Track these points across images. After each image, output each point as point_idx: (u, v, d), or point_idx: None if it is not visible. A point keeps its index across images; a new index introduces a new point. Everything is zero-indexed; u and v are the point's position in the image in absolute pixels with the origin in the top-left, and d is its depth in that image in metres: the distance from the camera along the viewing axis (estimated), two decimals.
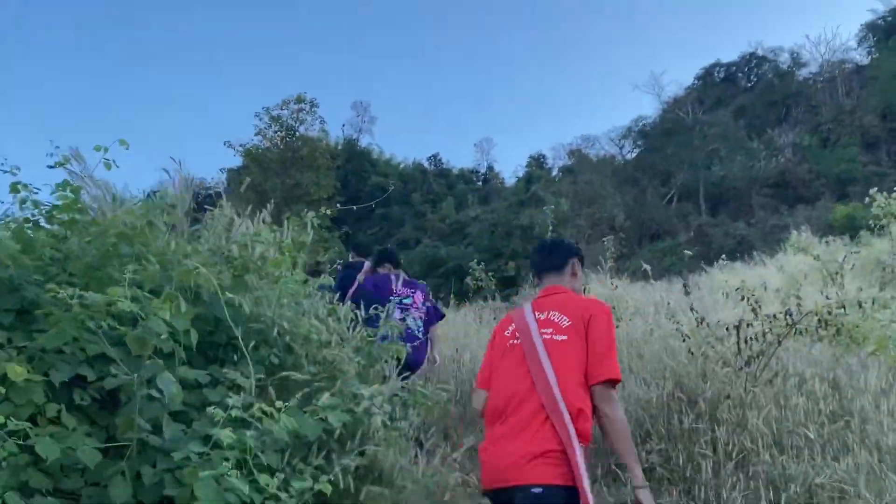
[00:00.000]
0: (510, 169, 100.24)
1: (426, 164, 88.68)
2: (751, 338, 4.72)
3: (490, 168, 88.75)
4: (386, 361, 3.54)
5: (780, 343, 4.64)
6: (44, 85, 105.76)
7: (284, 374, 2.98)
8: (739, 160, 52.30)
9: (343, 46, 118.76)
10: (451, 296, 18.93)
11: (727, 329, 4.89)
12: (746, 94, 64.68)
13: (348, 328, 3.54)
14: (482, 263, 11.53)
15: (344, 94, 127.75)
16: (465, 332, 10.19)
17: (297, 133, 32.02)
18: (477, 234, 37.91)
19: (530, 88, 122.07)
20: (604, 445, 3.09)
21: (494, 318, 11.82)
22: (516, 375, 2.62)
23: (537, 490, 2.37)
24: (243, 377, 2.81)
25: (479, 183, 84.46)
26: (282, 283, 3.13)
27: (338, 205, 33.33)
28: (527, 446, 2.43)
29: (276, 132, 31.77)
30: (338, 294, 5.11)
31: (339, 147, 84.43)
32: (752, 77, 67.77)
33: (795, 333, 4.68)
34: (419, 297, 5.73)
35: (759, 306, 4.91)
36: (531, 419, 2.48)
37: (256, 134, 31.69)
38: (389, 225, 71.43)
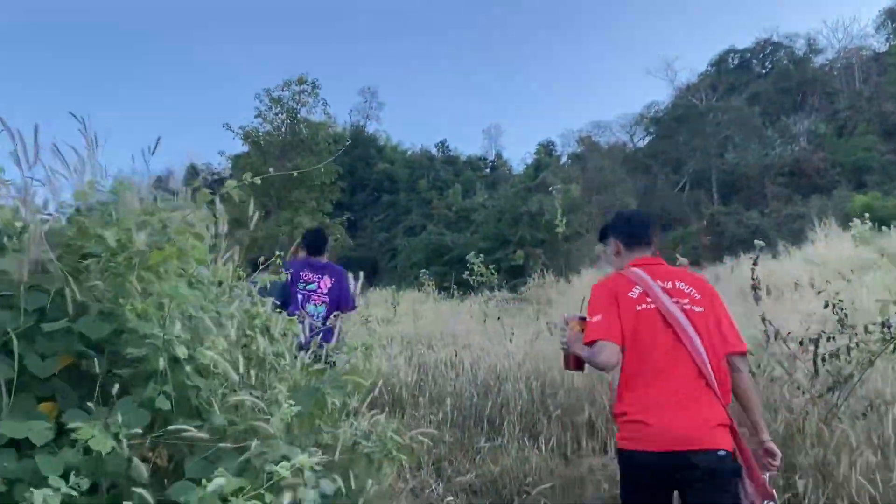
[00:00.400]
0: (519, 156, 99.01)
1: (434, 151, 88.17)
2: (833, 354, 3.62)
3: (498, 155, 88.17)
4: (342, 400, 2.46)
5: (871, 363, 3.55)
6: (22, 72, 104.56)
7: (172, 428, 1.93)
8: (753, 148, 51.06)
9: (350, 32, 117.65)
10: (455, 287, 17.99)
11: (801, 343, 3.80)
12: (761, 80, 63.35)
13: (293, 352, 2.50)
14: (481, 255, 10.40)
15: (351, 80, 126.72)
16: (466, 329, 9.11)
17: (299, 116, 30.96)
18: (483, 220, 36.81)
19: (540, 74, 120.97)
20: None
21: (500, 314, 10.75)
22: (665, 341, 2.62)
23: (722, 453, 2.45)
24: (104, 432, 1.79)
25: (487, 170, 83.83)
26: (169, 289, 2.06)
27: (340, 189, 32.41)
28: (707, 413, 2.49)
29: (276, 114, 30.76)
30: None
31: (347, 132, 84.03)
32: (766, 63, 66.47)
33: (894, 351, 3.57)
34: (326, 282, 5.53)
35: (846, 315, 3.81)
36: (697, 387, 2.54)
37: (257, 116, 30.70)
38: (396, 212, 70.80)
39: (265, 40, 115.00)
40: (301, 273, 5.48)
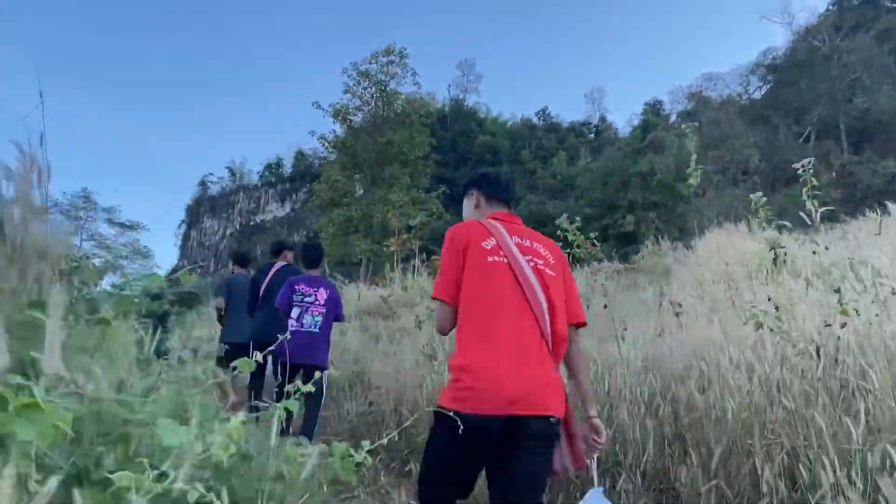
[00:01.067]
0: (624, 118, 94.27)
1: (535, 120, 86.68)
2: None
3: (602, 119, 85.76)
4: None
5: None
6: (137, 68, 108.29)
7: None
8: (886, 90, 46.23)
9: (446, 6, 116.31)
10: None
11: None
12: (890, 15, 57.53)
13: None
14: (577, 220, 8.53)
15: (448, 55, 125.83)
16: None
17: (388, 88, 29.78)
18: (588, 185, 34.44)
19: (644, 31, 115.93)
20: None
21: (610, 291, 9.06)
22: (511, 299, 2.49)
23: (553, 420, 2.38)
24: None
25: (592, 135, 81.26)
26: None
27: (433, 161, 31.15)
28: (544, 378, 2.41)
29: (365, 88, 29.68)
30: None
31: (446, 107, 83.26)
32: None
33: None
34: (322, 294, 5.77)
35: None
36: (536, 347, 2.43)
37: (345, 92, 29.72)
38: None
39: (359, 21, 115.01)
40: (297, 286, 5.69)
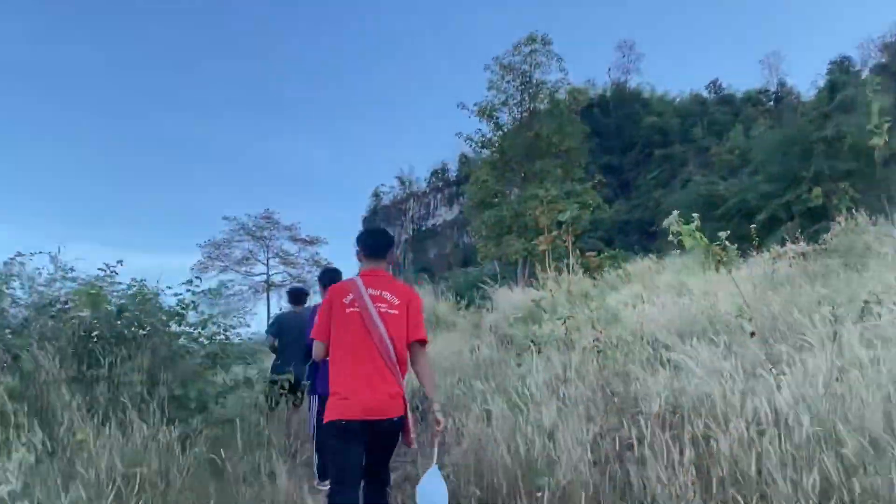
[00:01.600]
0: (807, 81, 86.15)
1: (705, 93, 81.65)
2: None
3: (781, 84, 78.98)
4: None
5: None
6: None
7: None
8: None
9: None
10: (734, 246, 14.06)
11: None
12: None
13: None
14: (695, 219, 6.60)
15: (606, 37, 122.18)
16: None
17: (533, 79, 28.36)
18: (765, 158, 30.62)
19: None
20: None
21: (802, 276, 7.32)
22: (361, 336, 3.65)
23: (395, 419, 3.60)
24: None
25: (770, 103, 74.98)
26: None
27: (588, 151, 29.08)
28: (386, 390, 3.59)
29: (508, 82, 28.38)
30: None
31: (607, 93, 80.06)
32: None
33: None
34: None
35: None
36: (380, 370, 3.60)
37: (489, 88, 28.57)
38: (672, 165, 65.71)
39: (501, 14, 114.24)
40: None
